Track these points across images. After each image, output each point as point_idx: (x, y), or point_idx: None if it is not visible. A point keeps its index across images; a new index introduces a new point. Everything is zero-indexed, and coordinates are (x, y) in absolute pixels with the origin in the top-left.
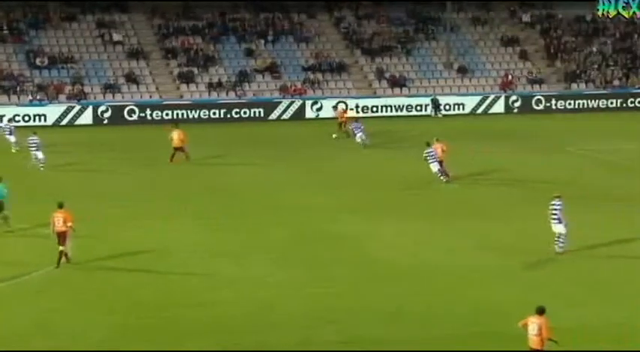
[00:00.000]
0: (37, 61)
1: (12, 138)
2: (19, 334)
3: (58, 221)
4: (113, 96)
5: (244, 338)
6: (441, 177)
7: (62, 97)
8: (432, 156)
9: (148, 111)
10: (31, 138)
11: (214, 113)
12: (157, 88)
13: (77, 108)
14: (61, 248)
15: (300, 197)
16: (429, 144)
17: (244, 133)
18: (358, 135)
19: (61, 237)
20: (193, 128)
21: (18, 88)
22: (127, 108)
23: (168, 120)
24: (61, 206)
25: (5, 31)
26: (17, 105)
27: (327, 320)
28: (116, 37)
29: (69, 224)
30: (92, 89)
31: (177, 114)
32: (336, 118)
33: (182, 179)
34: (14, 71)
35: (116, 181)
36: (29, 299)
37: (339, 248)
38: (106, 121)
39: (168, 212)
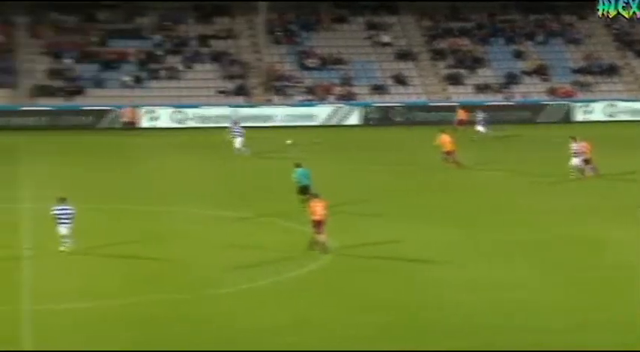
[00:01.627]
0: (308, 62)
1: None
2: (277, 328)
3: (319, 209)
4: (380, 97)
5: (495, 340)
6: (573, 173)
7: (330, 98)
8: (577, 151)
9: (415, 113)
10: (235, 127)
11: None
12: (424, 90)
13: (345, 108)
14: (318, 236)
15: (539, 200)
16: (574, 139)
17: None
18: (485, 128)
19: (319, 224)
20: (459, 129)
21: (288, 89)
22: (394, 109)
23: (435, 121)
24: (317, 196)
25: (279, 33)
26: (288, 105)
27: (581, 325)
28: (385, 38)
29: (325, 212)
30: (360, 90)
31: (444, 115)
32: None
33: (439, 181)
34: (286, 72)
35: (371, 180)
36: (289, 295)
37: (594, 252)
38: (373, 122)
39: (418, 211)
